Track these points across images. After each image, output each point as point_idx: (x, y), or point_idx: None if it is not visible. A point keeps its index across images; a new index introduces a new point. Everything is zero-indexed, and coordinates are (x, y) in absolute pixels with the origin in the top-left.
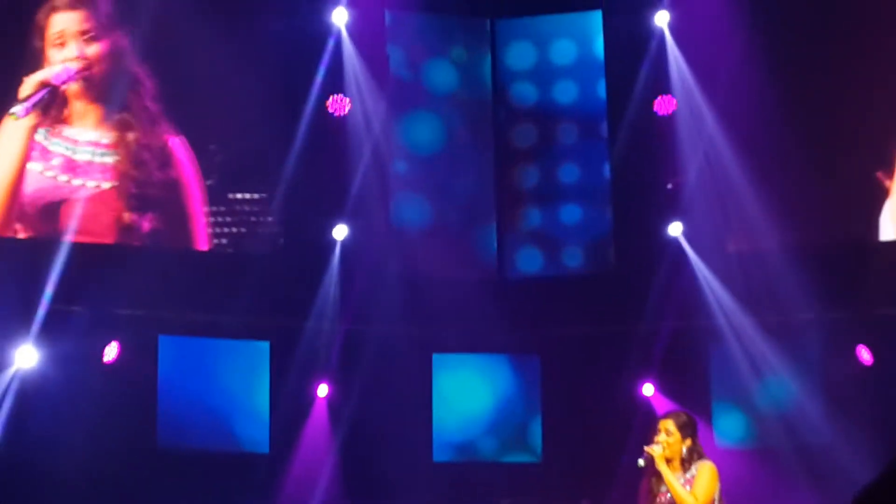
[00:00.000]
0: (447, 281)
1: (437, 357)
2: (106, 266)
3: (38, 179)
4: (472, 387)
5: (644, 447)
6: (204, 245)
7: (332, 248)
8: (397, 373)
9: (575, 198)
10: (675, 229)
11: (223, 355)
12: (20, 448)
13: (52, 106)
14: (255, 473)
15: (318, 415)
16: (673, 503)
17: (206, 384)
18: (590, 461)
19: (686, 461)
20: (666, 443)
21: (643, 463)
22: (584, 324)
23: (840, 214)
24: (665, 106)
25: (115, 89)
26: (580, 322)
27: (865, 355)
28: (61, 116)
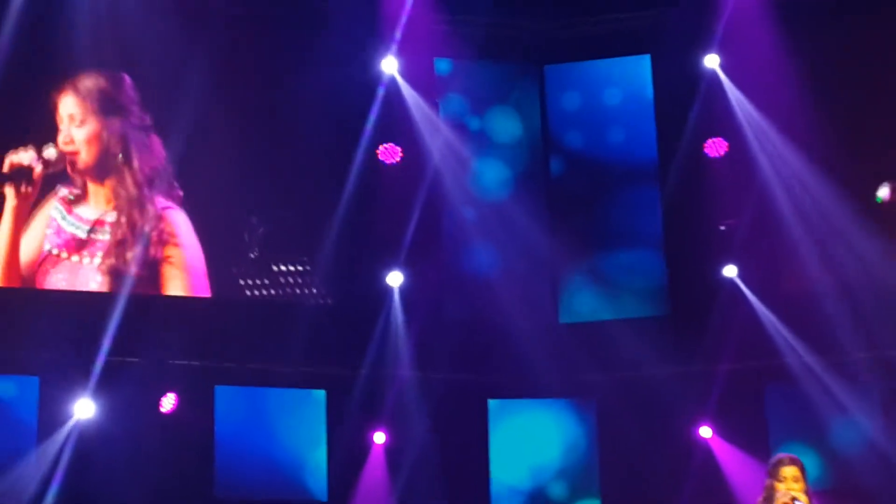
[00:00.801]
0: (503, 326)
1: (493, 403)
2: (161, 317)
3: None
4: (529, 432)
5: (793, 496)
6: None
7: (387, 296)
8: (454, 419)
9: (629, 241)
10: (730, 271)
11: (279, 405)
12: (79, 499)
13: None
14: None
15: (376, 462)
16: None
17: (263, 434)
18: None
19: None
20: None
21: None
22: (641, 367)
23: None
24: (716, 148)
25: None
26: (636, 366)
27: None
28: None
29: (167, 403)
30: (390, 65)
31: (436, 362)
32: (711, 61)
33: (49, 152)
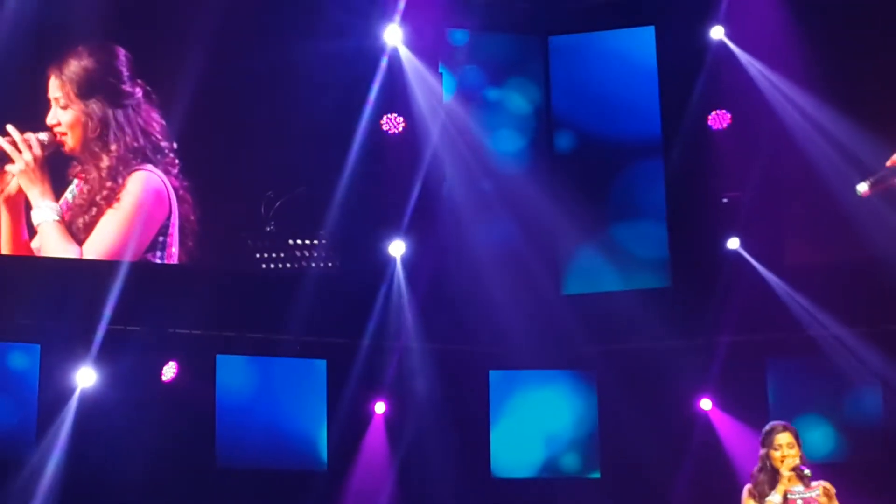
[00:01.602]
0: (506, 297)
1: (494, 374)
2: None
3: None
4: (530, 403)
5: (801, 466)
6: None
7: (388, 266)
8: (454, 389)
9: (632, 213)
10: (733, 243)
11: (280, 374)
12: (81, 467)
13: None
14: (313, 491)
15: (376, 432)
16: None
17: (264, 403)
18: (648, 476)
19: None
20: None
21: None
22: (642, 339)
23: None
24: (720, 120)
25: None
26: (638, 337)
27: None
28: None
29: (168, 372)
30: (393, 34)
31: (437, 333)
32: (717, 32)
33: (41, 136)
